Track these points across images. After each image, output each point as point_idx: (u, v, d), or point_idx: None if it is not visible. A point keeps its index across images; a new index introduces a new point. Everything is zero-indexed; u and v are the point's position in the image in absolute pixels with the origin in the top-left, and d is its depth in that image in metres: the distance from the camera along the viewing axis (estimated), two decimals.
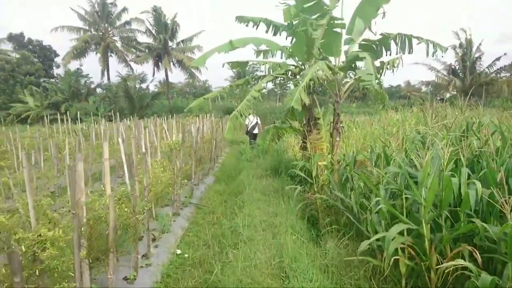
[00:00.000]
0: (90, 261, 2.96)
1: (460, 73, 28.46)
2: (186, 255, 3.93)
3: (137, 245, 3.48)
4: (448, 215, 2.64)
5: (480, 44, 27.38)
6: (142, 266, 3.52)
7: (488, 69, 27.11)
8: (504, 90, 24.61)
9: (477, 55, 27.32)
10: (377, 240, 2.77)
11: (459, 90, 26.88)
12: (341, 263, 3.15)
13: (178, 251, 4.04)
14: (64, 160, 5.98)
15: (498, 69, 26.77)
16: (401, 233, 2.64)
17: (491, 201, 2.44)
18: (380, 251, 3.00)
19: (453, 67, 28.76)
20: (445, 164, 2.68)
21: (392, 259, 2.49)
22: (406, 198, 2.82)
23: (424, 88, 34.72)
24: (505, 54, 30.27)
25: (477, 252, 2.21)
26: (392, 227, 2.51)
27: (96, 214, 2.94)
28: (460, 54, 27.91)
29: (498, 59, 26.25)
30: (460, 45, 27.76)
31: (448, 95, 27.83)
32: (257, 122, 13.04)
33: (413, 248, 2.66)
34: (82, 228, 2.80)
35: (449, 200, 2.58)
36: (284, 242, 3.55)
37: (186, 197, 5.97)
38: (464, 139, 3.16)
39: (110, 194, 3.00)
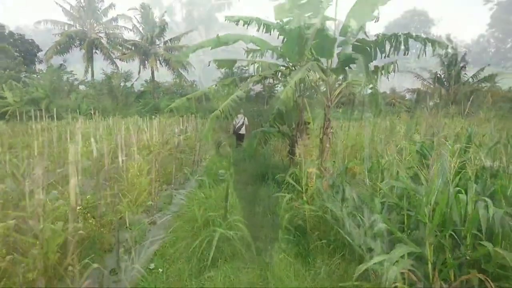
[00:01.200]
0: (44, 280, 2.54)
1: (445, 82, 28.87)
2: (160, 270, 3.54)
3: (103, 260, 3.09)
4: (454, 234, 2.36)
5: (465, 54, 27.86)
6: (108, 285, 3.12)
7: (473, 79, 27.57)
8: (488, 99, 25.01)
9: (462, 64, 27.75)
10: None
11: (443, 99, 27.22)
12: (332, 285, 2.82)
13: (152, 265, 3.64)
14: (32, 160, 5.47)
15: (481, 79, 27.22)
16: (401, 256, 2.33)
17: (505, 218, 2.17)
18: (375, 272, 2.70)
19: (438, 75, 29.14)
20: (451, 178, 2.40)
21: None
22: (408, 215, 2.52)
23: (408, 96, 35.11)
24: (489, 65, 30.87)
25: (491, 282, 1.92)
26: (393, 250, 2.20)
27: (52, 227, 2.54)
28: (445, 62, 28.32)
29: (482, 69, 26.73)
30: (446, 54, 28.14)
31: (431, 103, 28.15)
32: (243, 122, 12.73)
33: (413, 271, 2.37)
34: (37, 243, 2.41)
35: (455, 219, 2.30)
36: (269, 260, 3.20)
37: (164, 203, 5.56)
38: (467, 151, 2.91)
39: (72, 206, 2.60)
